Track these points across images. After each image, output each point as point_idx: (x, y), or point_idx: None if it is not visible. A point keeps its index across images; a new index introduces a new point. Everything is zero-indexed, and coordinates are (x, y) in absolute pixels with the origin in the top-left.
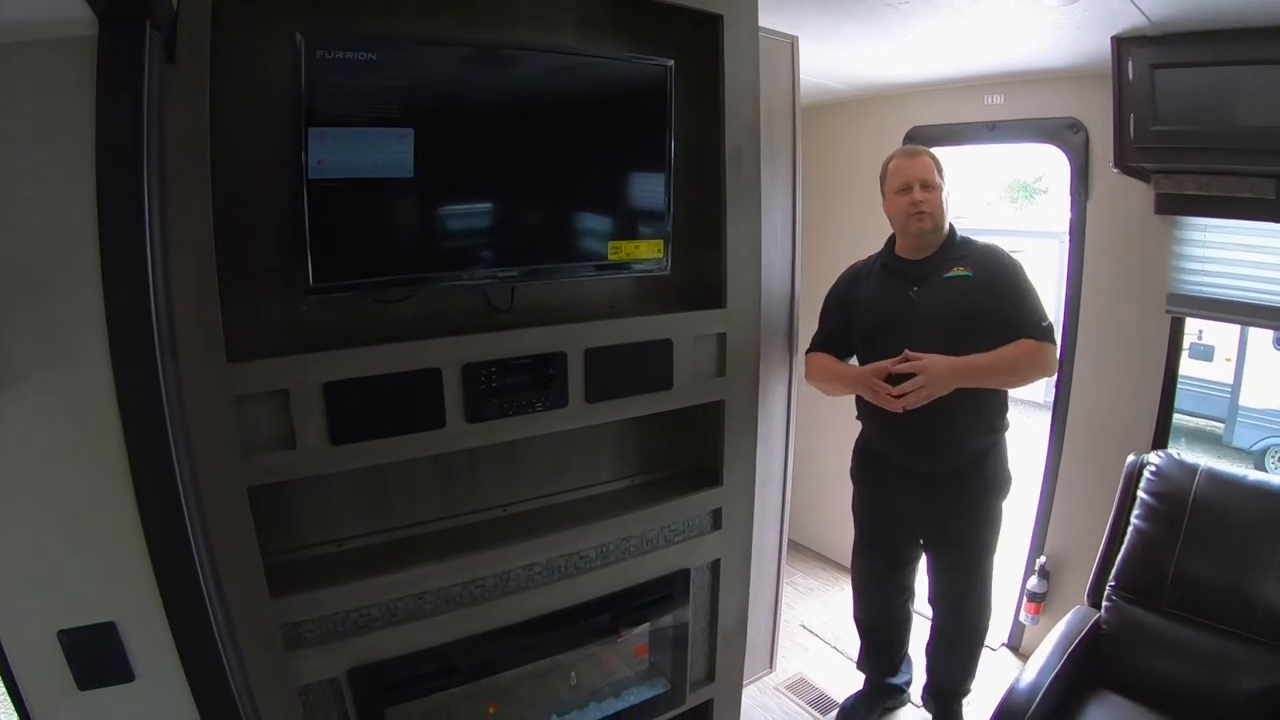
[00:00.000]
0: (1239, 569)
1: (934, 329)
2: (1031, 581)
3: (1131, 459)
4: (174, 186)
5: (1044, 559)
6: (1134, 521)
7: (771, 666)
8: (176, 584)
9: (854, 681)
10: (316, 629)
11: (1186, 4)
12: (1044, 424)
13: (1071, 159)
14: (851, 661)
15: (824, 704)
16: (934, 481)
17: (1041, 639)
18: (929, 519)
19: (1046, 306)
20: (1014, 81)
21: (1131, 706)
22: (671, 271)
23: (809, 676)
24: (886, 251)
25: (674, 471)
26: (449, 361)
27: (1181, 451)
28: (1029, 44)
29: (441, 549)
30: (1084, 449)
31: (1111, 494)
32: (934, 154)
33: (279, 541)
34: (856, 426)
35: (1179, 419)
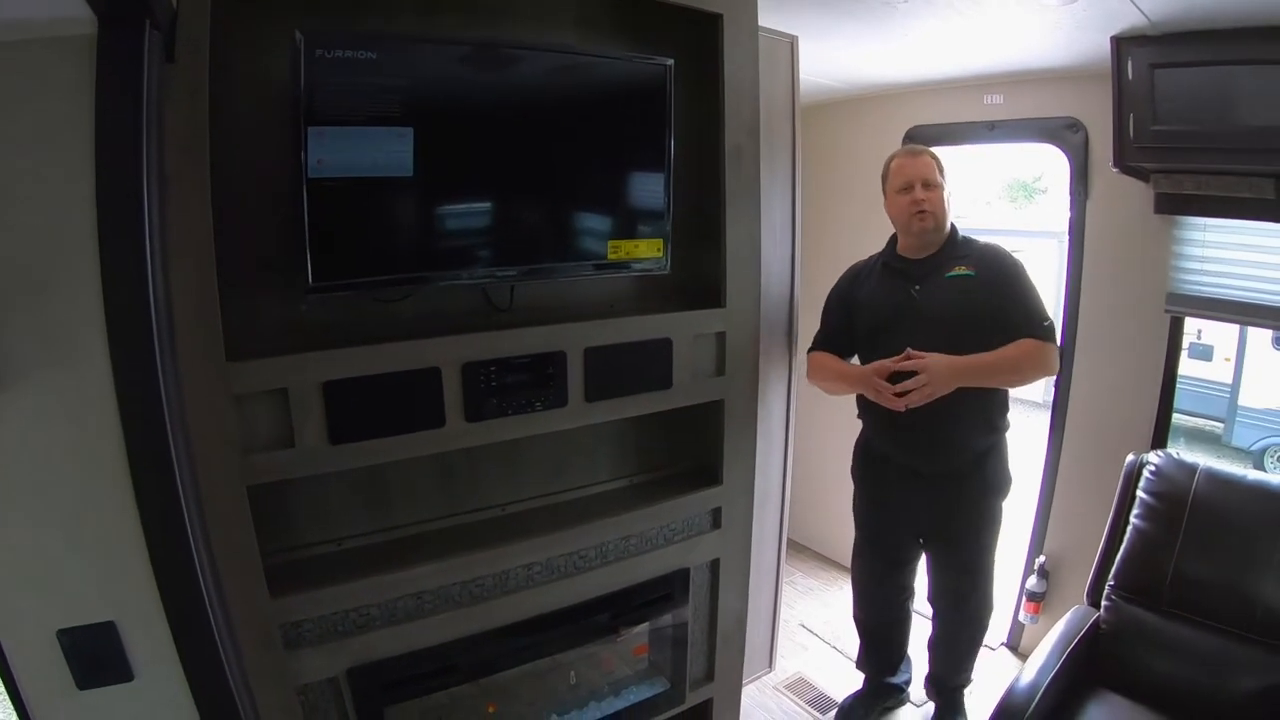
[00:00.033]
0: (1238, 568)
1: (936, 328)
2: (1031, 581)
3: (1131, 458)
4: (173, 186)
5: (1043, 558)
6: (1133, 521)
7: (771, 666)
8: (176, 583)
9: (853, 681)
10: (316, 628)
11: (1186, 4)
12: (1043, 423)
13: (1071, 159)
14: (851, 661)
15: (823, 703)
16: (935, 481)
17: (1041, 638)
18: (930, 519)
19: (1047, 306)
20: (1014, 81)
21: (1131, 706)
22: (671, 271)
23: (808, 676)
24: (888, 251)
25: (673, 471)
26: (448, 361)
27: (1181, 451)
28: (1029, 44)
29: (441, 548)
30: (1083, 448)
31: (1111, 493)
32: (935, 153)
33: (278, 541)
34: (856, 426)
35: (1178, 419)
